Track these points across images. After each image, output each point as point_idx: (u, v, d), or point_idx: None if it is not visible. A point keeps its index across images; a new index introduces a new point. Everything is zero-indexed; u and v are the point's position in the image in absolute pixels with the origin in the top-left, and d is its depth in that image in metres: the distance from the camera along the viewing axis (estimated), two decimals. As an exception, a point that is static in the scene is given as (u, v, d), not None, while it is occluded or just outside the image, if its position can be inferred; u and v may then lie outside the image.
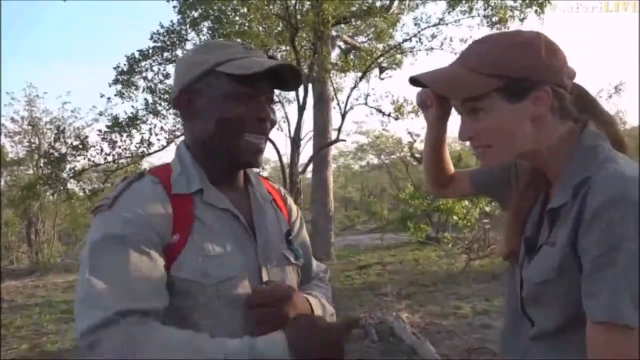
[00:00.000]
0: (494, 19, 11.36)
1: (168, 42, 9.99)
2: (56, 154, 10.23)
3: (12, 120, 16.98)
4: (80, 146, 9.77)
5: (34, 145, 17.12)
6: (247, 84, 1.11)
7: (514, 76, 1.01)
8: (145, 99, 10.02)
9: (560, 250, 1.00)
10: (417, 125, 35.00)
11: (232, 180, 1.20)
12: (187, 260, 1.05)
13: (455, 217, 9.07)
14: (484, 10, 11.42)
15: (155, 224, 1.04)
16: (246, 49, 1.17)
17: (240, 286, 1.09)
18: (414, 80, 1.11)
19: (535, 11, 10.91)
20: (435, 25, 11.17)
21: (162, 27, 9.94)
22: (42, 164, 13.44)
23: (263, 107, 1.15)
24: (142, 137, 9.77)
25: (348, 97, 10.14)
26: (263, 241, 1.17)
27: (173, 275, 1.04)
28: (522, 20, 11.22)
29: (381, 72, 12.76)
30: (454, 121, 1.21)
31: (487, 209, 9.60)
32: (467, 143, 1.15)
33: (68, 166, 10.04)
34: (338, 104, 10.35)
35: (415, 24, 11.16)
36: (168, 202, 1.08)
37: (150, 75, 10.14)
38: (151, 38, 9.88)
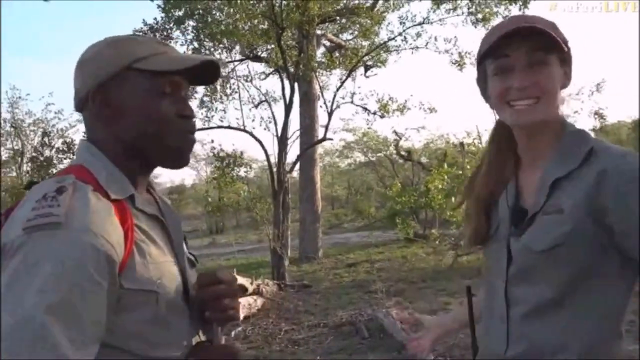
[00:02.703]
0: (479, 16, 11.46)
1: (152, 41, 9.90)
2: (42, 158, 10.13)
3: (-6, 122, 16.74)
4: (66, 149, 9.66)
5: (17, 147, 16.90)
6: (168, 80, 1.06)
7: (568, 47, 1.15)
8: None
9: (572, 215, 1.08)
10: (402, 124, 35.13)
11: (145, 184, 1.15)
12: (138, 270, 0.98)
13: (448, 213, 9.14)
14: (468, 8, 11.52)
15: (113, 241, 0.93)
16: (161, 44, 1.12)
17: (180, 293, 1.07)
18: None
19: (519, 8, 11.02)
20: (420, 24, 11.24)
21: (145, 24, 9.85)
22: (28, 169, 13.26)
23: (186, 103, 1.10)
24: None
25: (334, 95, 10.16)
26: (178, 246, 1.14)
27: (124, 288, 0.95)
28: (505, 17, 11.34)
29: (366, 70, 12.80)
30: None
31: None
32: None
33: (54, 170, 9.93)
34: (324, 103, 10.35)
35: (401, 23, 11.22)
36: (114, 212, 0.97)
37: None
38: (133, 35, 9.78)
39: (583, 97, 13.55)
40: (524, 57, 1.12)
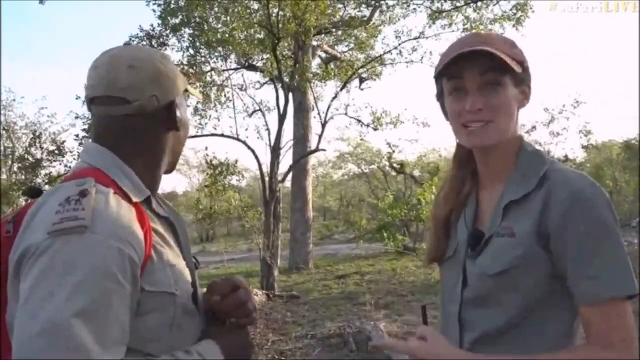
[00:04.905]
0: (474, 32, 11.56)
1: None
2: (31, 159, 10.05)
3: (-14, 123, 16.64)
4: (57, 151, 9.60)
5: (8, 149, 16.79)
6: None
7: (523, 66, 1.14)
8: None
9: (524, 239, 1.06)
10: (395, 135, 35.25)
11: (158, 189, 1.22)
12: (158, 272, 1.01)
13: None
14: (464, 25, 11.63)
15: (136, 245, 0.96)
16: None
17: (190, 295, 1.10)
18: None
19: (513, 25, 11.15)
20: (415, 38, 11.32)
21: (141, 30, 9.84)
22: (16, 169, 13.19)
23: None
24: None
25: (328, 106, 10.18)
26: (186, 248, 1.18)
27: (145, 290, 0.98)
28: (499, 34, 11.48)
29: (361, 82, 12.85)
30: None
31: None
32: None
33: (43, 172, 9.86)
34: (318, 113, 10.37)
35: (396, 37, 11.29)
36: (134, 215, 1.01)
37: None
38: (129, 42, 9.77)
39: (567, 113, 13.62)
40: (476, 79, 1.11)
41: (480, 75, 1.10)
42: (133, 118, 1.10)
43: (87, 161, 1.10)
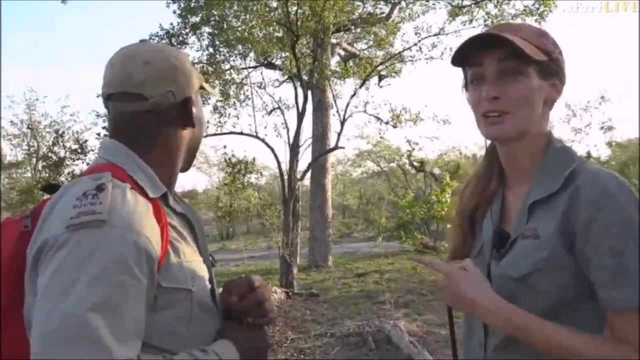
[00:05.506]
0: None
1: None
2: (55, 158, 10.23)
3: (12, 123, 17.05)
4: (79, 150, 9.74)
5: (32, 148, 17.13)
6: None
7: (552, 57, 1.09)
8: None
9: (548, 241, 1.02)
10: (416, 133, 35.09)
11: (175, 185, 1.21)
12: (174, 268, 1.02)
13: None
14: (485, 20, 11.49)
15: (152, 240, 0.96)
16: None
17: (208, 291, 1.11)
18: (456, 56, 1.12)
19: (536, 20, 10.97)
20: (435, 34, 11.21)
21: (161, 29, 9.92)
22: (40, 168, 13.43)
23: None
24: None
25: (347, 104, 10.15)
26: (203, 245, 1.18)
27: (161, 286, 0.98)
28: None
29: (380, 80, 12.79)
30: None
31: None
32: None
33: (67, 170, 10.02)
34: (337, 111, 10.34)
35: (416, 33, 11.19)
36: (151, 210, 1.01)
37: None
38: (148, 39, 9.85)
39: (591, 110, 13.31)
40: (495, 66, 1.07)
41: (499, 62, 1.07)
42: (149, 114, 1.10)
43: (104, 157, 1.10)
